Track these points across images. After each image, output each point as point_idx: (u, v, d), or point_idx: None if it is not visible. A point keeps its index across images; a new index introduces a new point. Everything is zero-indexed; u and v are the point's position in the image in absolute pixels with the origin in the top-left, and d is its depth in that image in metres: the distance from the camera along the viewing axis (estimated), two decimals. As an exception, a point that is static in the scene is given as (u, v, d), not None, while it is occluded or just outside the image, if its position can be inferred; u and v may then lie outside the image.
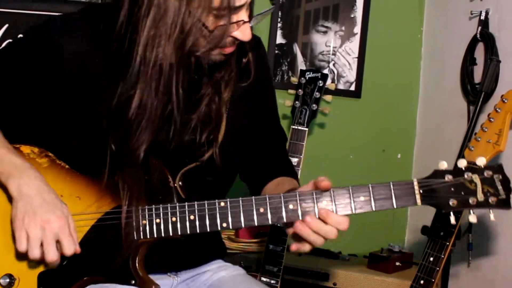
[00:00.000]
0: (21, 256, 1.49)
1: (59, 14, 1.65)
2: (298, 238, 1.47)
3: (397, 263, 2.77)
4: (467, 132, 2.50)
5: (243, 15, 1.46)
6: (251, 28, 1.52)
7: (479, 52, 2.75)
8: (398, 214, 3.40)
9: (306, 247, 1.47)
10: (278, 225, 1.65)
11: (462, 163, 1.46)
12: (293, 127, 2.61)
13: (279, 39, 3.34)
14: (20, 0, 2.78)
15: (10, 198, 1.49)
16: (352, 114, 3.40)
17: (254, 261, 2.74)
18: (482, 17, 2.68)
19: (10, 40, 1.67)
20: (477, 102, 2.50)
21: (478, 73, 2.75)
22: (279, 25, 3.34)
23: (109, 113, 1.53)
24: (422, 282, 2.19)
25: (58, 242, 1.46)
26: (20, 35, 1.61)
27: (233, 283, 1.71)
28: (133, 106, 1.47)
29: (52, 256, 1.45)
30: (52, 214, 1.45)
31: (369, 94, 3.39)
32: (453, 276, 2.74)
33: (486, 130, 2.12)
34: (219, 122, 1.62)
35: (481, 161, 1.45)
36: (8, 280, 1.52)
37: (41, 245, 1.44)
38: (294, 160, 2.55)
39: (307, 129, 2.60)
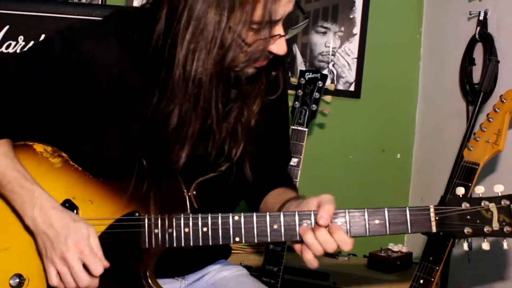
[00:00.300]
0: (31, 257, 1.51)
1: (86, 19, 1.58)
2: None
3: (397, 263, 2.77)
4: (466, 132, 2.50)
5: (280, 29, 1.44)
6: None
7: (478, 52, 2.75)
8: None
9: (308, 255, 1.45)
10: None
11: (480, 190, 1.44)
12: (293, 127, 2.61)
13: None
14: (20, 2, 2.78)
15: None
16: (351, 114, 3.40)
17: (254, 261, 2.74)
18: (481, 18, 2.68)
19: (33, 42, 1.60)
20: (476, 102, 2.50)
21: (477, 73, 2.75)
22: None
23: (143, 125, 1.50)
24: (421, 281, 2.19)
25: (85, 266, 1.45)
26: (45, 39, 1.57)
27: (235, 283, 1.71)
28: (172, 120, 1.43)
29: (84, 282, 1.45)
30: (69, 242, 1.44)
31: (368, 94, 3.39)
32: (452, 275, 2.74)
33: (485, 130, 2.12)
34: (246, 135, 1.59)
35: (498, 189, 1.42)
36: (17, 280, 1.52)
37: (72, 275, 1.45)
38: (294, 160, 2.55)
39: (306, 129, 2.60)
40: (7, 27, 2.71)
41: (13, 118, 1.55)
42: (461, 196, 1.45)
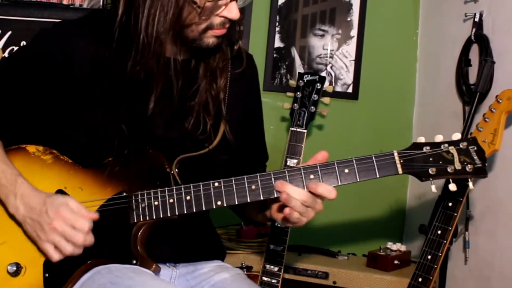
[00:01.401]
0: (28, 247, 1.58)
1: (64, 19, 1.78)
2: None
3: (396, 261, 2.77)
4: (462, 132, 2.50)
5: None
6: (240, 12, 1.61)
7: (474, 54, 2.75)
8: (395, 213, 3.40)
9: (294, 215, 1.53)
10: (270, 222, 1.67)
11: (439, 138, 1.54)
12: (292, 129, 2.61)
13: (277, 43, 3.34)
14: (22, 8, 2.79)
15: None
16: (349, 115, 3.40)
17: (255, 261, 2.74)
18: (476, 19, 2.68)
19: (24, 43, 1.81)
20: (472, 102, 2.50)
21: (473, 74, 2.75)
22: (277, 29, 3.34)
23: (120, 91, 1.64)
24: (420, 279, 2.19)
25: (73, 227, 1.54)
26: (33, 35, 1.71)
27: (236, 286, 1.72)
28: (139, 76, 1.59)
29: (79, 240, 1.53)
30: (51, 213, 1.53)
31: (366, 96, 3.39)
32: (450, 273, 2.74)
33: (481, 130, 2.12)
34: (219, 108, 1.73)
35: (456, 136, 1.53)
36: (15, 268, 1.58)
37: (67, 240, 1.53)
38: (294, 162, 2.56)
39: (305, 131, 2.60)
40: (9, 32, 2.72)
41: (1, 109, 1.68)
42: (422, 142, 1.55)
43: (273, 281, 2.47)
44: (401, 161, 1.53)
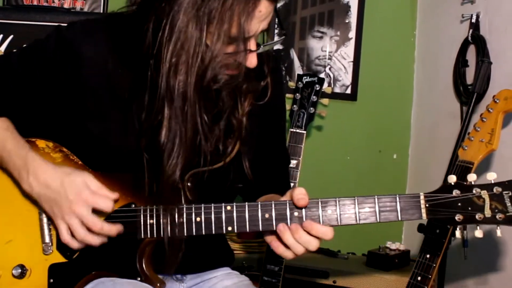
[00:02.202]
0: (33, 249, 1.55)
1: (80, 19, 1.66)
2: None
3: (395, 260, 2.77)
4: (460, 132, 2.50)
5: (252, 44, 1.47)
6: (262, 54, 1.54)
7: (471, 54, 2.75)
8: (395, 213, 3.40)
9: (288, 253, 1.49)
10: None
11: (472, 177, 1.40)
12: (292, 130, 2.61)
13: (276, 45, 3.34)
14: (24, 12, 2.79)
15: (18, 192, 1.57)
16: (348, 116, 3.40)
17: (256, 261, 2.74)
18: (473, 20, 2.69)
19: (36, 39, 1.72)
20: (470, 102, 2.50)
21: (470, 75, 2.75)
22: (276, 31, 3.35)
23: (140, 123, 1.54)
24: (419, 278, 2.19)
25: (94, 210, 1.49)
26: (46, 35, 1.63)
27: None
28: (163, 133, 1.46)
29: (97, 225, 1.48)
30: (71, 196, 1.48)
31: (364, 96, 3.40)
32: (449, 272, 2.74)
33: (479, 129, 2.12)
34: (240, 133, 1.62)
35: (491, 177, 1.38)
36: (20, 270, 1.55)
37: (83, 223, 1.48)
38: (293, 162, 2.55)
39: (305, 131, 2.60)
40: (11, 36, 2.72)
41: (10, 104, 1.62)
42: (452, 184, 1.40)
43: (274, 280, 2.47)
44: (427, 205, 1.40)
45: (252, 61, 1.49)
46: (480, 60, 2.54)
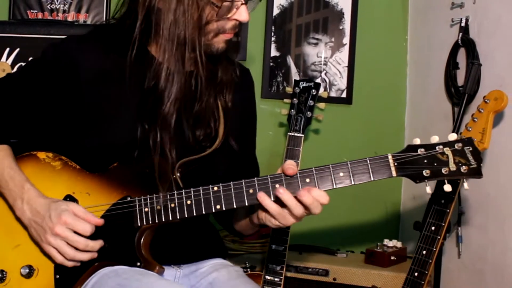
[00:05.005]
0: (40, 250, 1.61)
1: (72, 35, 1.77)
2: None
3: (392, 257, 2.77)
4: (452, 132, 2.50)
5: None
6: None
7: (461, 57, 2.76)
8: (391, 212, 3.41)
9: (285, 220, 1.52)
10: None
11: (434, 139, 1.47)
12: (290, 134, 2.61)
13: (273, 52, 3.35)
14: (29, 26, 2.79)
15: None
16: (344, 119, 3.41)
17: (258, 261, 2.74)
18: (463, 24, 2.69)
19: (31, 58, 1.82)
20: (461, 103, 2.51)
21: (461, 77, 2.75)
22: (273, 39, 3.35)
23: (139, 98, 1.65)
24: (416, 274, 2.19)
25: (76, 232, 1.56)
26: (42, 52, 1.74)
27: (232, 283, 1.72)
28: (162, 75, 1.61)
29: (81, 244, 1.56)
30: (53, 218, 1.55)
31: (359, 100, 3.40)
32: (445, 267, 2.74)
33: (470, 129, 2.13)
34: (223, 117, 1.74)
35: (452, 137, 1.46)
36: (28, 270, 1.61)
37: (69, 244, 1.56)
38: (292, 165, 2.55)
39: (303, 135, 2.60)
40: (18, 49, 2.73)
41: (13, 121, 1.71)
42: (416, 144, 1.47)
43: (276, 279, 2.47)
44: (395, 164, 1.46)
45: (243, 14, 1.62)
46: (470, 62, 2.54)
